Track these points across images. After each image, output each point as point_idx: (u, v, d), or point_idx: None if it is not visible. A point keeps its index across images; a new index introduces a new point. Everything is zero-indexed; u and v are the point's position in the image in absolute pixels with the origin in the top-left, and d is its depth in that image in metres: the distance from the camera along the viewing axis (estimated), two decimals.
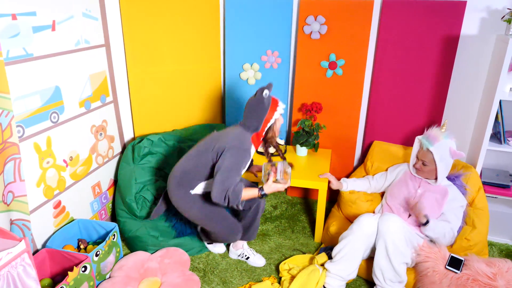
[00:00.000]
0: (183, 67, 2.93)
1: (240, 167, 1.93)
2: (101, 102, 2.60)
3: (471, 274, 1.89)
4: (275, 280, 2.28)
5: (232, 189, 1.88)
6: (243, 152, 1.95)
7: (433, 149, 2.14)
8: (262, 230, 2.76)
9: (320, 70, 2.85)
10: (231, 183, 1.88)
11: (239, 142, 1.96)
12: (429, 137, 2.18)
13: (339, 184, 2.52)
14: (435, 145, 2.15)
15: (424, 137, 2.21)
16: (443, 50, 2.57)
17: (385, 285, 2.05)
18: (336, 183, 2.51)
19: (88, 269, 2.01)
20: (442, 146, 2.15)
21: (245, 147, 1.96)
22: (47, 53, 2.10)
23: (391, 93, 2.77)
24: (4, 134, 1.83)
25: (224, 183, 1.88)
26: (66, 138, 2.30)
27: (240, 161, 1.94)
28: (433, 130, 2.20)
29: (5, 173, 1.87)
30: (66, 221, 2.35)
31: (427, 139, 2.18)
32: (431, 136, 2.18)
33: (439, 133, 2.18)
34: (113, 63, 2.67)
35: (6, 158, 1.86)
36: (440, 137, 2.16)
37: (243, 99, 3.12)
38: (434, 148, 2.14)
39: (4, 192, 1.88)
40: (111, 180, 2.79)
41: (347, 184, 2.53)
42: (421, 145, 2.23)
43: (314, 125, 2.80)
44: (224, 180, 1.88)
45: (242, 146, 1.96)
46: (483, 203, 2.33)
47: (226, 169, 1.90)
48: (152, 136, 2.70)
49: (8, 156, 1.86)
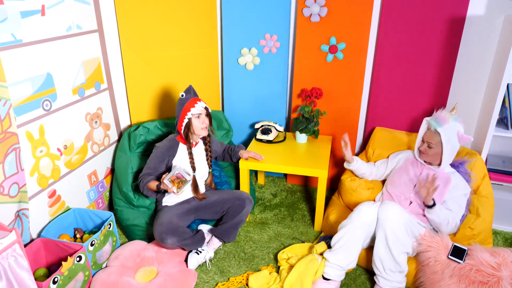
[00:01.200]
0: (179, 52, 2.86)
1: (150, 162, 2.26)
2: (96, 89, 2.54)
3: (474, 264, 1.84)
4: (273, 269, 2.25)
5: (141, 180, 2.22)
6: (155, 149, 2.28)
7: (442, 131, 2.08)
8: (261, 218, 2.72)
9: (320, 54, 2.76)
10: (142, 174, 2.24)
11: (161, 143, 2.30)
12: (438, 118, 2.12)
13: (351, 158, 2.43)
14: (443, 126, 2.08)
15: (433, 118, 2.14)
16: (449, 32, 2.47)
17: (385, 275, 2.00)
18: (350, 155, 2.42)
19: (83, 259, 1.99)
20: (450, 129, 2.08)
21: (160, 145, 2.28)
22: (37, 39, 2.03)
23: (394, 77, 2.68)
24: (3, 124, 1.79)
25: (142, 173, 2.26)
26: (60, 126, 2.26)
27: (153, 157, 2.25)
28: (443, 112, 2.14)
29: (8, 165, 1.84)
30: (62, 210, 2.33)
31: (436, 120, 2.11)
32: (440, 117, 2.11)
33: (448, 115, 2.12)
34: (107, 49, 2.60)
35: (7, 149, 1.82)
36: (450, 119, 2.10)
37: (242, 85, 3.05)
38: (443, 129, 2.08)
39: (3, 184, 1.84)
40: (108, 169, 2.75)
41: (357, 162, 2.46)
42: (429, 126, 2.16)
43: (314, 111, 2.73)
44: (143, 171, 2.27)
45: (158, 145, 2.29)
46: (487, 191, 2.26)
47: (147, 162, 2.29)
48: (148, 124, 2.65)
49: (10, 147, 1.83)
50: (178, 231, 2.17)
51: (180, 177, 2.09)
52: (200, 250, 2.29)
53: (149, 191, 2.23)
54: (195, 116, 2.21)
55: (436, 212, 2.02)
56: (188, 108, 2.19)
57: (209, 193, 2.44)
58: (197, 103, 2.21)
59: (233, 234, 2.35)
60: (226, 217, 2.34)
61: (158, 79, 2.85)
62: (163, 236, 2.11)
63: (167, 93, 2.92)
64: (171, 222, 2.17)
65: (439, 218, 2.02)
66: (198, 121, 2.22)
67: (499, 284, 1.76)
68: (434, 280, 1.94)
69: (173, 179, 2.08)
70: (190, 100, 2.21)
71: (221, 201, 2.36)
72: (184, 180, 2.10)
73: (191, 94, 2.24)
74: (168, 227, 2.14)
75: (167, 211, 2.28)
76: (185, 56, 2.89)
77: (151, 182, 2.20)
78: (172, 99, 2.95)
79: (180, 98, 2.23)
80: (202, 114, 2.22)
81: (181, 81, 2.93)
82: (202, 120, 2.23)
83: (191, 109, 2.19)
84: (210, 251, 2.33)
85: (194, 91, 2.27)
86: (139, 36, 2.69)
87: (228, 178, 2.77)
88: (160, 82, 2.87)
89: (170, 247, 2.20)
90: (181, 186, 2.09)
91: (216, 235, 2.35)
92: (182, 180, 2.09)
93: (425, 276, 1.99)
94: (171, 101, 2.95)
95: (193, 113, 2.19)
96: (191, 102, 2.20)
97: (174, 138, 2.31)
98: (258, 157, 2.53)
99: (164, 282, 2.08)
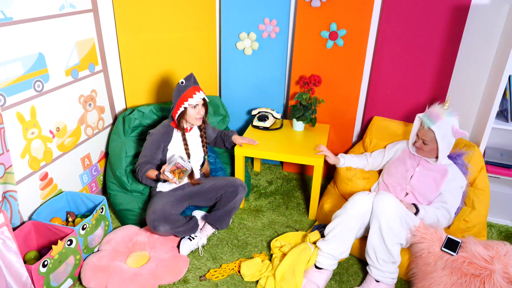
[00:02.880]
0: (176, 34, 2.79)
1: (145, 149, 2.22)
2: (90, 71, 2.49)
3: (467, 256, 1.83)
4: (266, 257, 2.24)
5: (139, 169, 2.20)
6: (149, 136, 2.23)
7: (435, 128, 2.03)
8: (255, 206, 2.71)
9: (320, 41, 2.70)
10: (139, 163, 2.21)
11: (155, 129, 2.25)
12: (431, 115, 2.06)
13: (336, 159, 2.43)
14: (437, 123, 2.04)
15: (426, 115, 2.09)
16: (452, 21, 2.41)
17: (377, 265, 1.99)
18: (333, 158, 2.42)
19: (74, 243, 1.97)
20: (444, 125, 2.04)
21: (154, 131, 2.23)
22: (28, 17, 1.97)
23: (394, 66, 2.63)
24: None
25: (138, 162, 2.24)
26: (52, 108, 2.21)
27: (148, 144, 2.22)
28: (435, 107, 2.08)
29: None
30: (54, 193, 2.30)
31: (429, 117, 2.06)
32: (433, 114, 2.06)
33: (441, 110, 2.06)
34: (102, 30, 2.54)
35: None
36: (443, 115, 2.04)
37: (240, 71, 2.99)
38: (436, 127, 2.03)
39: None
40: (102, 152, 2.72)
41: (345, 160, 2.45)
42: (422, 123, 2.12)
43: (312, 99, 2.69)
44: (138, 159, 2.24)
45: (152, 131, 2.24)
46: (484, 183, 2.24)
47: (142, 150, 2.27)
48: (143, 108, 2.61)
49: None
50: (171, 219, 2.15)
51: (180, 167, 2.08)
52: (193, 237, 2.27)
53: (148, 180, 2.21)
54: (191, 106, 2.17)
55: (422, 216, 2.02)
56: (186, 98, 2.15)
57: (203, 179, 2.42)
58: (196, 93, 2.16)
59: (226, 221, 2.34)
60: (219, 204, 2.32)
61: (154, 62, 2.79)
62: (155, 223, 2.10)
63: (164, 77, 2.86)
64: (164, 210, 2.15)
65: (429, 219, 2.03)
66: (194, 111, 2.19)
67: (491, 277, 1.75)
68: (427, 272, 1.93)
69: (173, 169, 2.06)
70: (190, 89, 2.16)
71: (214, 188, 2.34)
72: (185, 170, 2.08)
73: (191, 82, 2.18)
74: (161, 214, 2.12)
75: (161, 197, 2.26)
76: (182, 39, 2.82)
77: (150, 171, 2.17)
78: (168, 83, 2.89)
79: (179, 85, 2.17)
80: (199, 105, 2.19)
81: (178, 64, 2.88)
82: (197, 111, 2.19)
83: (189, 99, 2.14)
84: (203, 237, 2.32)
85: (195, 79, 2.21)
86: (135, 17, 2.62)
87: (223, 164, 2.74)
88: (157, 65, 2.81)
89: (162, 235, 2.18)
90: (182, 176, 2.08)
91: (209, 222, 2.33)
92: (183, 170, 2.08)
93: (418, 268, 1.98)
94: (167, 85, 2.89)
95: (190, 103, 2.16)
96: (190, 92, 2.15)
97: (169, 124, 2.27)
98: (252, 142, 2.50)
99: (156, 267, 2.07)
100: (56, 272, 1.87)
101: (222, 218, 2.32)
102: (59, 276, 1.90)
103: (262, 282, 2.03)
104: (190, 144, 2.30)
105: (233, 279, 2.09)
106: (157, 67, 2.82)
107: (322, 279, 2.03)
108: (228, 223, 2.36)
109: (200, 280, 2.08)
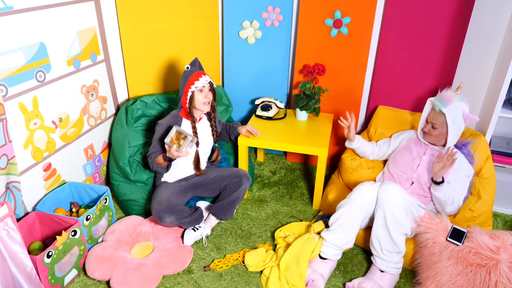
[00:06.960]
0: (178, 23, 2.76)
1: (155, 139, 2.22)
2: (92, 60, 2.46)
3: (473, 246, 1.81)
4: (270, 247, 2.24)
5: (149, 156, 2.21)
6: (158, 126, 2.23)
7: (446, 111, 2.01)
8: (259, 196, 2.70)
9: (324, 29, 2.66)
10: (150, 152, 2.21)
11: (164, 119, 2.25)
12: (443, 98, 2.05)
13: (353, 136, 2.37)
14: (448, 106, 2.02)
15: (437, 98, 2.08)
16: (459, 7, 2.36)
17: (382, 255, 1.99)
18: (353, 133, 2.35)
19: (78, 233, 1.97)
20: (455, 108, 2.02)
21: (163, 121, 2.23)
22: (29, 6, 1.95)
23: (399, 54, 2.59)
24: None
25: (149, 152, 2.24)
26: (54, 98, 2.20)
27: (157, 135, 2.21)
28: (447, 91, 2.06)
29: None
30: (58, 184, 2.30)
31: (441, 100, 2.05)
32: (445, 97, 2.04)
33: (453, 95, 2.05)
34: (104, 19, 2.51)
35: None
36: (454, 99, 2.03)
37: (242, 60, 2.96)
38: (448, 109, 2.01)
39: None
40: (105, 143, 2.71)
41: (359, 141, 2.40)
42: (433, 106, 2.10)
43: (315, 88, 2.66)
44: (149, 150, 2.25)
45: (161, 122, 2.23)
46: (490, 173, 2.22)
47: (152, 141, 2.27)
48: (146, 98, 2.59)
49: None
50: (177, 210, 2.14)
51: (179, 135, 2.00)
52: (197, 227, 2.27)
53: (158, 166, 2.19)
54: (198, 90, 2.15)
55: (443, 189, 1.98)
56: (192, 81, 2.13)
57: (207, 170, 2.41)
58: (202, 76, 2.14)
59: (230, 211, 2.33)
60: (223, 194, 2.31)
61: (156, 51, 2.77)
62: (161, 214, 2.09)
63: (166, 67, 2.84)
64: (169, 200, 2.14)
65: (445, 196, 1.99)
66: (200, 95, 2.16)
67: (497, 267, 1.74)
68: (432, 262, 1.92)
69: (173, 139, 2.02)
70: (195, 73, 2.15)
71: (218, 179, 2.32)
72: (185, 137, 1.99)
73: (196, 67, 2.17)
74: (167, 205, 2.12)
75: (166, 188, 2.25)
76: (184, 28, 2.79)
77: (159, 157, 2.16)
78: (171, 73, 2.87)
79: (185, 71, 2.16)
80: (205, 87, 2.16)
81: (180, 54, 2.85)
82: (204, 94, 2.16)
83: (195, 82, 2.12)
84: (207, 228, 2.32)
85: (200, 64, 2.20)
86: (137, 5, 2.59)
87: (227, 154, 2.73)
88: (159, 55, 2.78)
89: (168, 225, 2.18)
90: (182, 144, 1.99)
91: (213, 213, 2.33)
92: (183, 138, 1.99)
93: (423, 258, 1.97)
94: (169, 75, 2.87)
95: (196, 86, 2.13)
96: (196, 76, 2.14)
97: (177, 114, 2.26)
98: (255, 132, 2.48)
99: (160, 257, 2.07)
100: (61, 262, 1.87)
101: (226, 209, 2.31)
102: (63, 267, 1.90)
103: (266, 272, 2.03)
104: (199, 134, 2.29)
105: (237, 269, 2.09)
106: (160, 57, 2.79)
107: (326, 269, 2.03)
108: (232, 214, 2.36)
109: (204, 270, 2.09)
